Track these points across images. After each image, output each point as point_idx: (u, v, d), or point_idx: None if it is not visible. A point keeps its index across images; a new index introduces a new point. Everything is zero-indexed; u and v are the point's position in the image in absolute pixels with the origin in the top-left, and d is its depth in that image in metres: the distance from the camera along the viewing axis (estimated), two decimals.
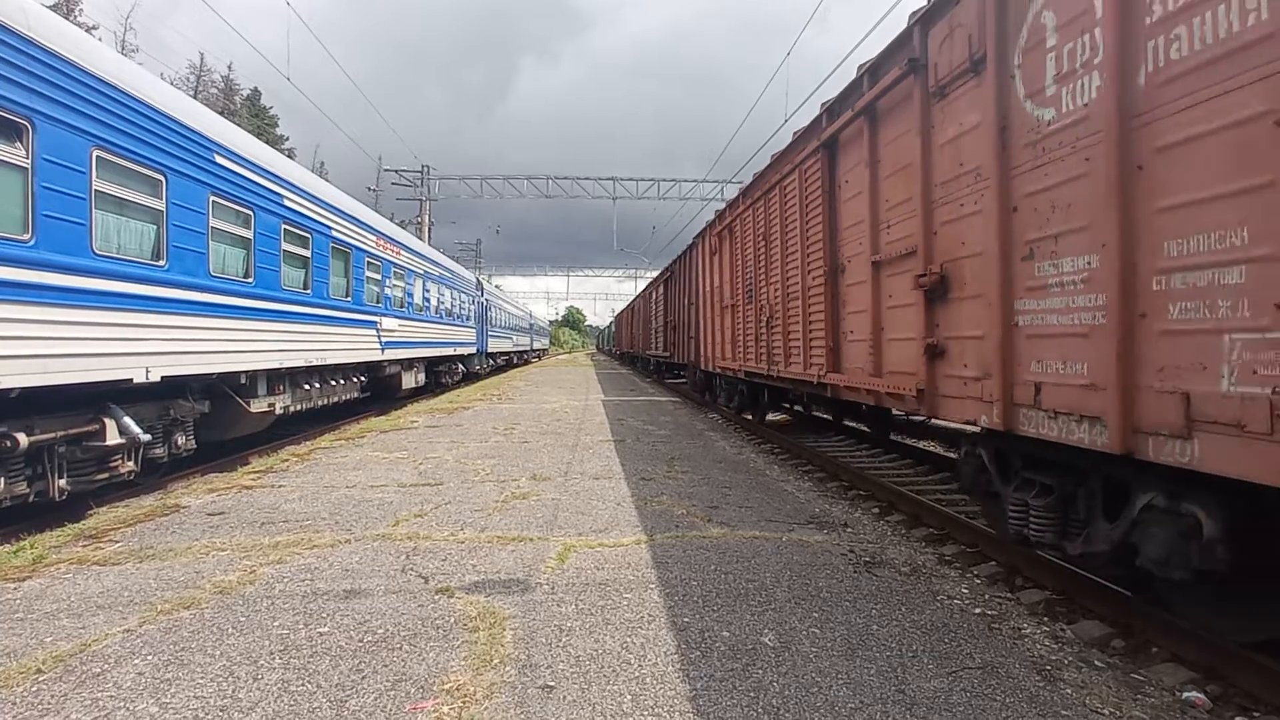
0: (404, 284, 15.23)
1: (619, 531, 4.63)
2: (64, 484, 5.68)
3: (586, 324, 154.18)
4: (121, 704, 2.40)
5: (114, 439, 5.98)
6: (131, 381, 6.10)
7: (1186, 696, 2.75)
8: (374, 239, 13.22)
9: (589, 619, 3.17)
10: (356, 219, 12.40)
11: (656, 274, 26.84)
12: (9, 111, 4.87)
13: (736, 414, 12.00)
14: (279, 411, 9.38)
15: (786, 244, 7.79)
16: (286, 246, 9.35)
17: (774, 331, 8.38)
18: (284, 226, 9.29)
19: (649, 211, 56.45)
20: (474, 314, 24.31)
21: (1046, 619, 3.52)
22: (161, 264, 6.61)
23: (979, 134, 3.98)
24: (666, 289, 20.78)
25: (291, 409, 9.86)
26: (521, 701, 2.44)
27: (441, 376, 20.22)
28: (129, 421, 6.12)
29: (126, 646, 2.85)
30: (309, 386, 10.40)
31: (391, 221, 16.48)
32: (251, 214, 8.41)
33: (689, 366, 16.70)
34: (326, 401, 11.14)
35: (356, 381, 12.51)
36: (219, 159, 7.68)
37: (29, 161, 5.04)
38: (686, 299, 16.45)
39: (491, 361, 30.05)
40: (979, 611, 3.42)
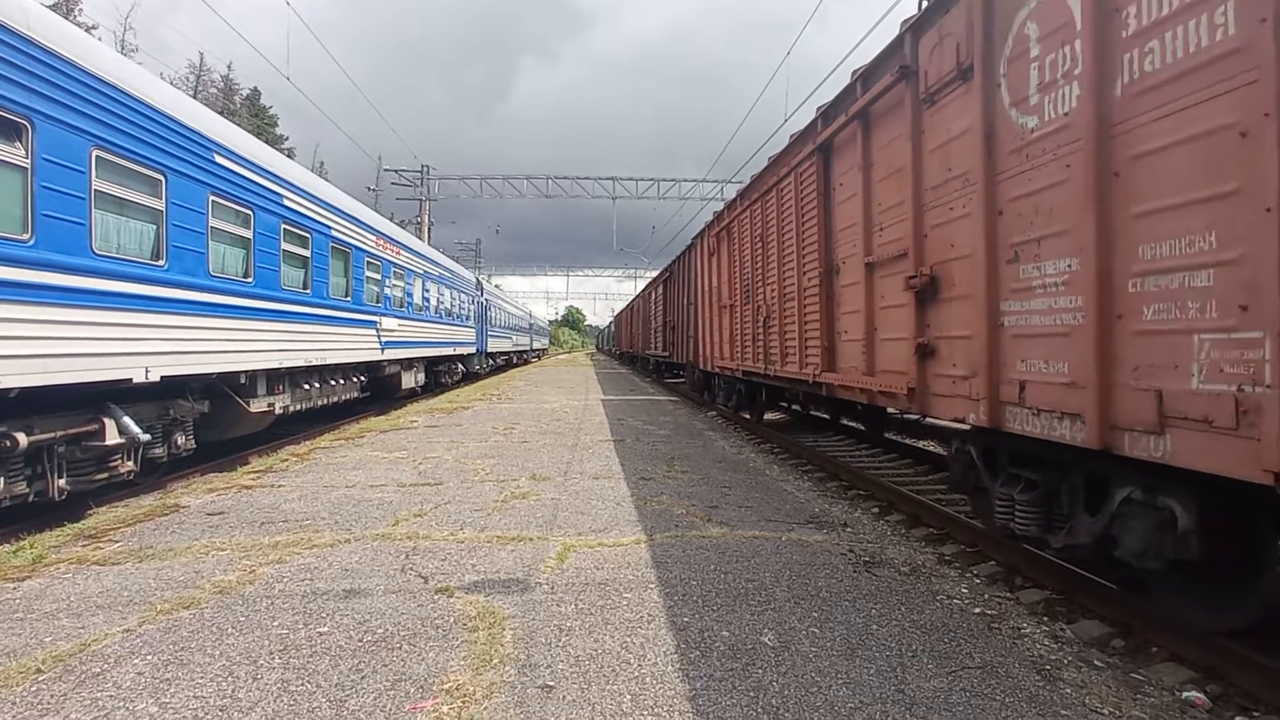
0: (404, 284, 15.23)
1: (619, 531, 4.63)
2: (63, 484, 5.68)
3: (586, 324, 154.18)
4: (121, 704, 2.40)
5: (114, 439, 5.97)
6: (131, 381, 6.10)
7: (1186, 696, 2.76)
8: (374, 239, 13.22)
9: (589, 619, 3.17)
10: (356, 219, 12.39)
11: (656, 274, 26.85)
12: (9, 111, 4.87)
13: (735, 413, 12.04)
14: (279, 411, 9.38)
15: (783, 245, 7.85)
16: (286, 246, 9.35)
17: (771, 331, 8.44)
18: (284, 226, 9.29)
19: (649, 211, 56.57)
20: (474, 314, 24.31)
21: (1046, 619, 3.52)
22: (161, 264, 6.61)
23: (967, 140, 4.08)
24: (666, 289, 20.78)
25: (291, 409, 9.86)
26: (521, 701, 2.44)
27: (441, 376, 20.23)
28: (129, 421, 6.12)
29: (126, 646, 2.85)
30: (309, 386, 10.40)
31: (391, 221, 16.47)
32: (251, 214, 8.41)
33: (688, 366, 16.71)
34: (326, 401, 11.14)
35: (356, 381, 12.51)
36: (218, 159, 7.68)
37: (29, 161, 5.04)
38: (685, 299, 16.46)
39: (491, 361, 30.05)
40: (979, 611, 3.43)
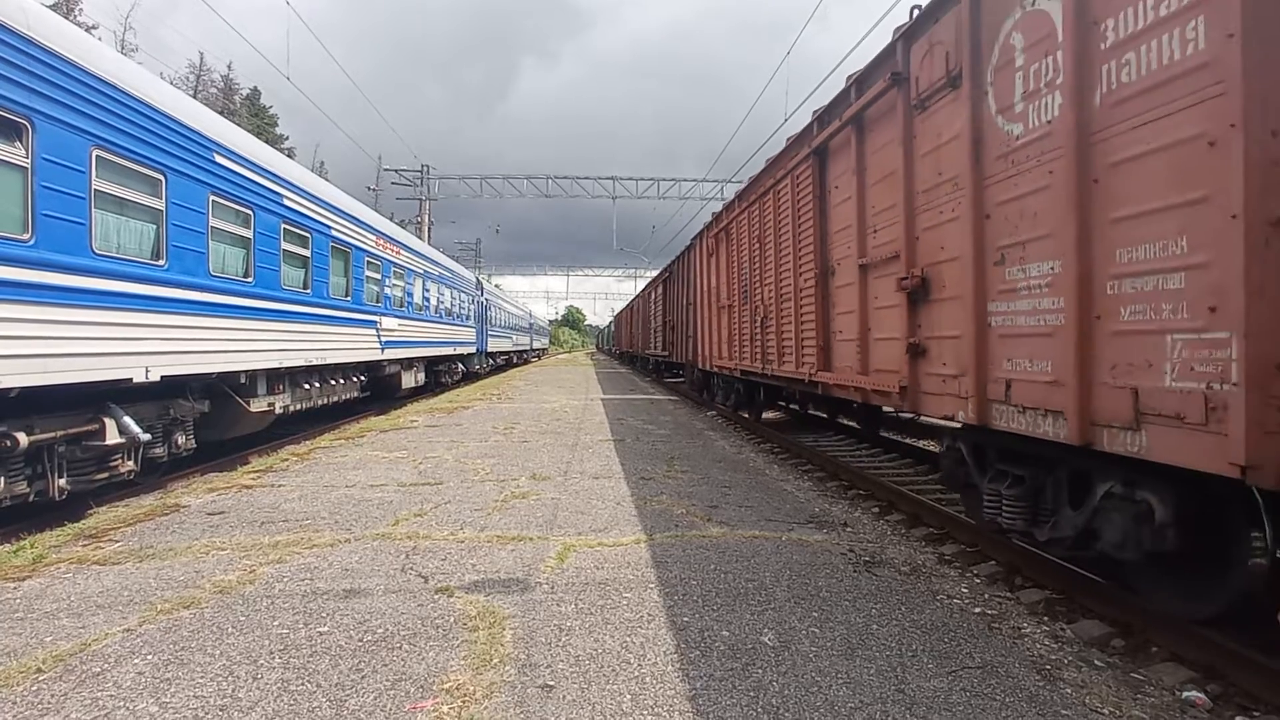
0: (404, 283, 15.22)
1: (619, 531, 4.63)
2: (64, 483, 5.68)
3: (586, 323, 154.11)
4: (121, 703, 2.40)
5: (114, 438, 5.98)
6: (131, 381, 6.10)
7: (1186, 696, 2.76)
8: (374, 238, 13.22)
9: (589, 618, 3.17)
10: (356, 218, 12.39)
11: (656, 273, 26.86)
12: (9, 111, 4.87)
13: (733, 412, 12.09)
14: (279, 411, 9.38)
15: (780, 246, 7.94)
16: (286, 246, 9.35)
17: (768, 331, 8.52)
18: (284, 226, 9.29)
19: (649, 211, 56.57)
20: (474, 313, 24.31)
21: (1046, 618, 3.52)
22: (161, 263, 6.61)
23: (956, 145, 4.18)
24: (665, 289, 20.78)
25: (291, 408, 9.86)
26: (521, 701, 2.44)
27: (441, 376, 20.22)
28: (129, 421, 6.12)
29: (126, 646, 2.85)
30: (309, 386, 10.40)
31: (391, 221, 16.46)
32: (251, 213, 8.41)
33: (687, 366, 16.73)
34: (326, 401, 11.14)
35: (356, 381, 12.51)
36: (218, 158, 7.67)
37: (29, 161, 5.04)
38: (685, 299, 16.46)
39: (491, 361, 30.05)
40: (979, 611, 3.43)
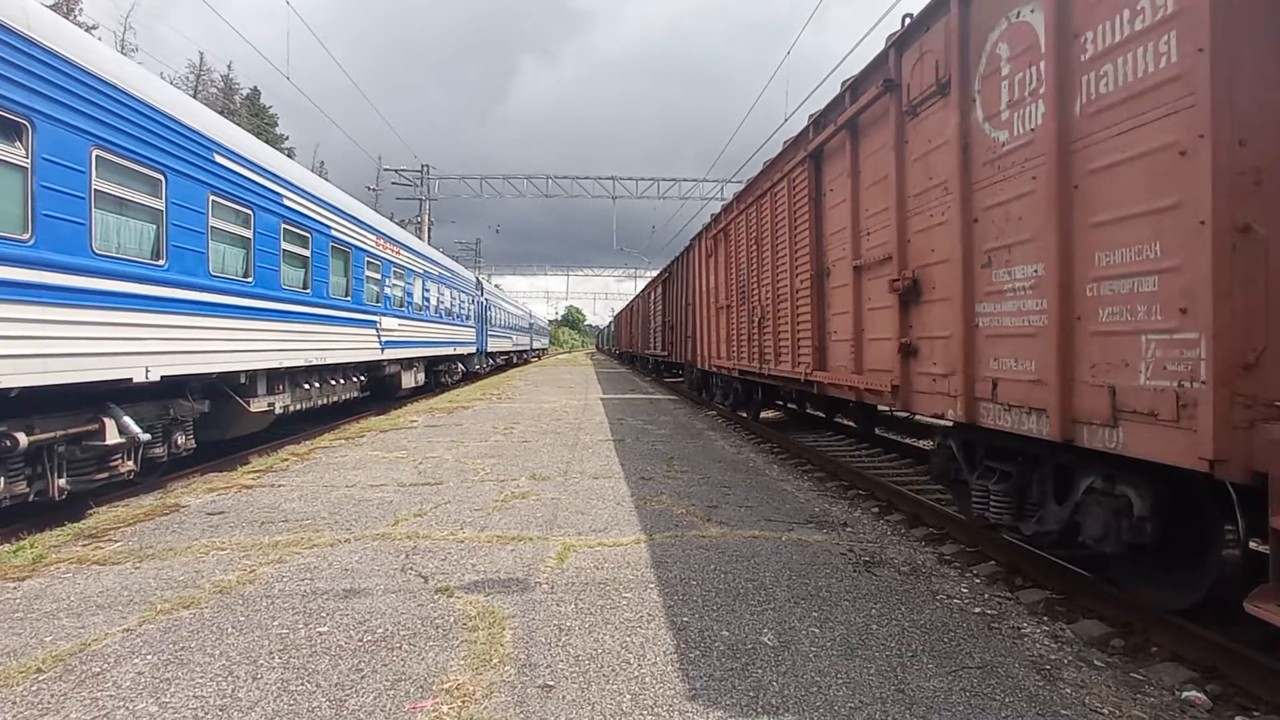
0: (404, 283, 15.22)
1: (618, 531, 4.64)
2: (64, 483, 5.68)
3: (586, 323, 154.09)
4: (121, 703, 2.40)
5: (114, 438, 5.98)
6: (131, 381, 6.10)
7: (1186, 696, 2.76)
8: (374, 238, 13.22)
9: (588, 618, 3.17)
10: (356, 218, 12.39)
11: (656, 273, 26.87)
12: (9, 111, 4.87)
13: (732, 411, 12.14)
14: (279, 411, 9.38)
15: (777, 248, 8.03)
16: (286, 246, 9.35)
17: (765, 331, 8.59)
18: (283, 226, 9.29)
19: (649, 211, 56.66)
20: (473, 313, 24.31)
21: (1046, 618, 3.52)
22: (161, 263, 6.61)
23: (945, 151, 4.28)
24: (665, 289, 20.79)
25: (291, 408, 9.86)
26: (521, 701, 2.44)
27: (441, 376, 20.23)
28: (129, 421, 6.12)
29: (126, 646, 2.85)
30: (309, 386, 10.39)
31: (391, 221, 16.46)
32: (251, 213, 8.41)
33: (686, 365, 16.74)
34: (326, 401, 11.13)
35: (356, 381, 12.50)
36: (218, 158, 7.67)
37: (28, 161, 5.03)
38: (684, 299, 16.48)
39: (491, 361, 30.05)
40: (979, 611, 3.43)
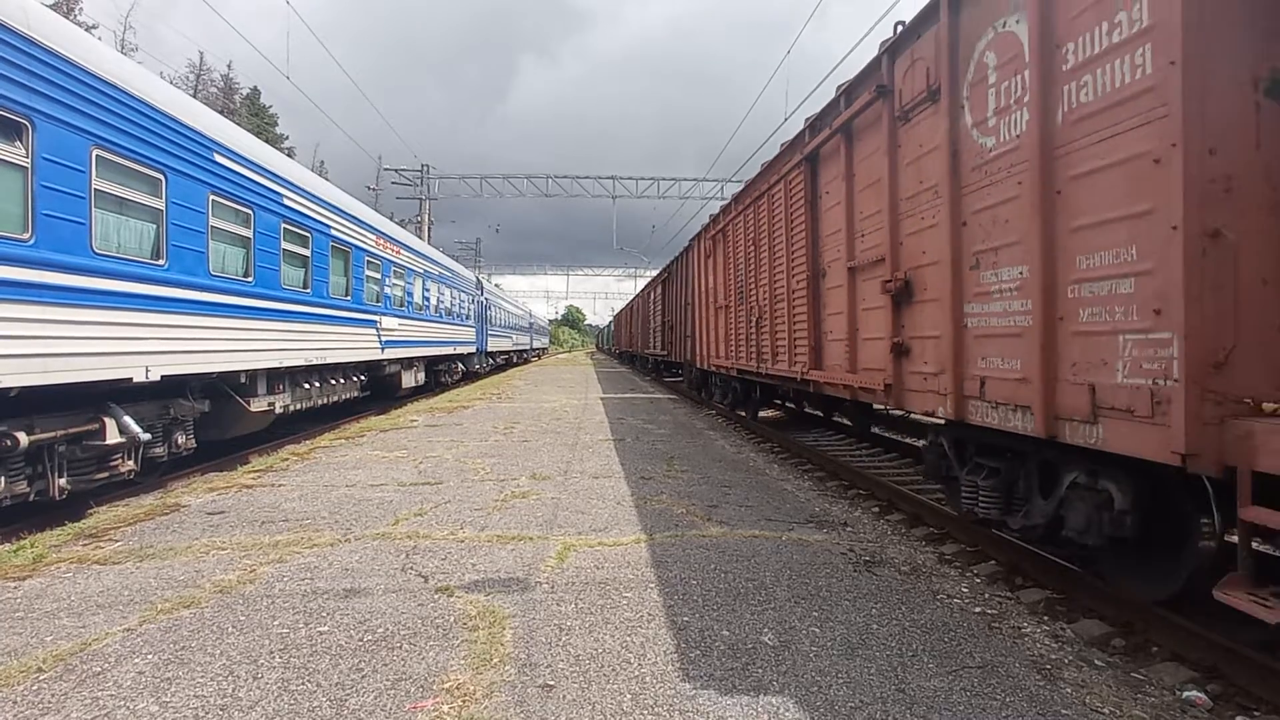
0: (404, 283, 15.22)
1: (619, 531, 4.64)
2: (64, 483, 5.68)
3: (586, 323, 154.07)
4: (122, 703, 2.40)
5: (114, 438, 5.97)
6: (131, 381, 6.10)
7: (1187, 696, 2.76)
8: (374, 238, 13.21)
9: (589, 618, 3.17)
10: (356, 218, 12.39)
11: (655, 273, 26.87)
12: (9, 110, 4.87)
13: (730, 410, 12.16)
14: (279, 411, 9.38)
15: (774, 249, 8.09)
16: (286, 245, 9.34)
17: (763, 331, 8.65)
18: (284, 225, 9.28)
19: (649, 210, 56.59)
20: (474, 313, 24.30)
21: (1047, 618, 3.52)
22: (161, 263, 6.61)
23: (936, 156, 4.39)
24: (664, 289, 20.78)
25: (291, 408, 9.85)
26: (521, 700, 2.44)
27: (441, 375, 20.22)
28: (129, 420, 6.12)
29: (127, 645, 2.85)
30: (309, 385, 10.39)
31: (391, 220, 16.46)
32: (251, 213, 8.41)
33: (685, 365, 16.75)
34: (326, 400, 11.13)
35: (356, 380, 12.50)
36: (218, 158, 7.67)
37: (29, 161, 5.03)
38: (683, 299, 16.48)
39: (491, 360, 30.05)
40: (979, 610, 3.43)
